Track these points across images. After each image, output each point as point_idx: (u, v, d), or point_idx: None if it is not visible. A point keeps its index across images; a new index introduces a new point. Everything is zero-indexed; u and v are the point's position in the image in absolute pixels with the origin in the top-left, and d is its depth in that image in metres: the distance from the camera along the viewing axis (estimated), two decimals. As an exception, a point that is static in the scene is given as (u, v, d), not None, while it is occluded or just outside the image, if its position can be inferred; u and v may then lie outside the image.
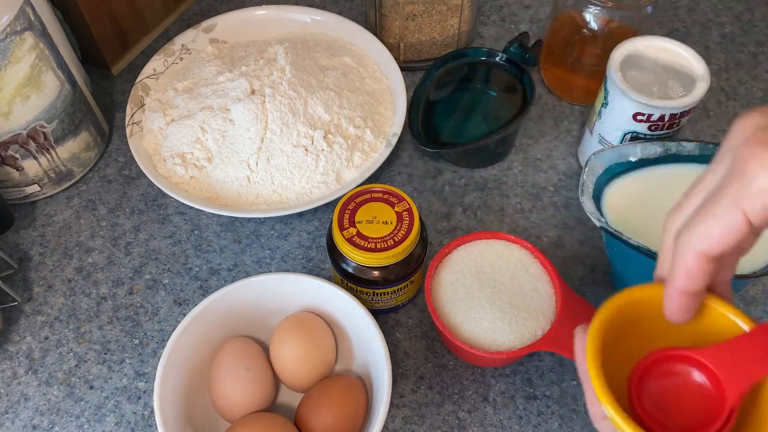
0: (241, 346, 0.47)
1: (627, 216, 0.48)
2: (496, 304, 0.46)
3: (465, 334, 0.46)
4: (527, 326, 0.46)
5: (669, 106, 0.50)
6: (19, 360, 0.52)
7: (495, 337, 0.46)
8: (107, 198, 0.60)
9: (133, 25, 0.67)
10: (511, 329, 0.45)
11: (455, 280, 0.48)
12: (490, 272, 0.48)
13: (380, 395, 0.43)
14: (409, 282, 0.50)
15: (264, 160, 0.56)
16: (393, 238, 0.46)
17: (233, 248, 0.57)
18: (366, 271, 0.48)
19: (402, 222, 0.47)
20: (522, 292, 0.47)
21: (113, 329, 0.54)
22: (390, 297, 0.50)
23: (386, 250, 0.46)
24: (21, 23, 0.50)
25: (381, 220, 0.47)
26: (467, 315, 0.46)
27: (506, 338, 0.45)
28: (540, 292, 0.47)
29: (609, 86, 0.52)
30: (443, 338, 0.48)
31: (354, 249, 0.46)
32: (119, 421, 0.49)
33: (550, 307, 0.47)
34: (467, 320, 0.46)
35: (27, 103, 0.52)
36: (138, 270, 0.56)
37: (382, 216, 0.47)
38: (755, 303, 0.53)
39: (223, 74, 0.60)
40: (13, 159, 0.55)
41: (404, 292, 0.50)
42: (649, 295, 0.33)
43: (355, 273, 0.48)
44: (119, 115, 0.65)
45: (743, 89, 0.65)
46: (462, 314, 0.46)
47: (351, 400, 0.45)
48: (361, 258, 0.46)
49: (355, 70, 0.63)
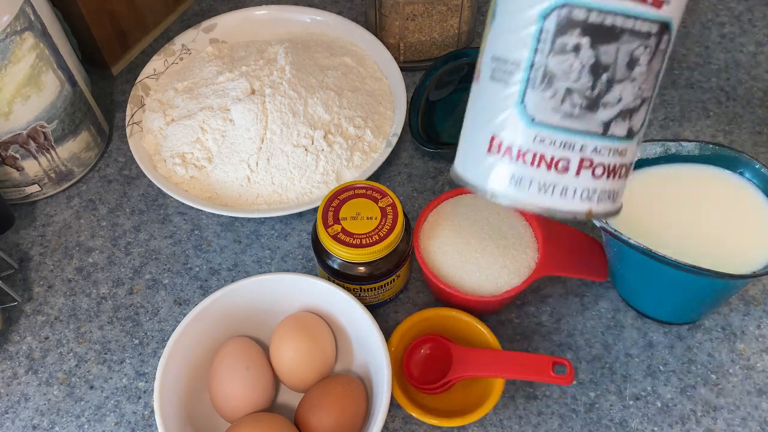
0: (241, 346, 0.47)
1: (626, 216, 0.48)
2: (486, 251, 0.48)
3: (471, 288, 0.48)
4: (520, 261, 0.48)
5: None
6: (19, 360, 0.52)
7: (496, 280, 0.48)
8: (107, 198, 0.60)
9: (133, 25, 0.67)
10: (507, 269, 0.48)
11: (441, 243, 0.49)
12: (468, 226, 0.50)
13: (380, 395, 0.43)
14: (396, 276, 0.50)
15: (264, 160, 0.56)
16: (378, 233, 0.47)
17: (233, 248, 0.57)
18: (352, 267, 0.48)
19: (386, 217, 0.47)
20: (504, 234, 0.49)
21: (113, 329, 0.54)
22: (377, 292, 0.50)
23: (371, 246, 0.46)
24: (21, 23, 0.50)
25: (365, 215, 0.47)
26: (465, 270, 0.48)
27: (506, 278, 0.48)
28: (519, 228, 0.50)
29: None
30: (453, 300, 0.49)
31: (339, 245, 0.46)
32: (119, 420, 0.49)
33: (531, 238, 0.50)
34: (467, 275, 0.48)
35: (27, 103, 0.52)
36: (138, 270, 0.56)
37: (366, 212, 0.48)
38: (755, 303, 0.53)
39: (223, 74, 0.60)
40: (13, 159, 0.55)
41: (391, 287, 0.51)
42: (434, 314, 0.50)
43: (341, 269, 0.48)
44: (119, 115, 0.65)
45: (743, 89, 0.65)
46: (460, 271, 0.48)
47: (351, 400, 0.45)
48: (346, 254, 0.46)
49: (355, 70, 0.63)
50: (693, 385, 0.50)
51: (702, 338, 0.52)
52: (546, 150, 0.30)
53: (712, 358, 0.51)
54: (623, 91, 0.29)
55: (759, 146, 0.61)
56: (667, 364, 0.50)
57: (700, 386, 0.50)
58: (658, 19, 0.28)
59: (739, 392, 0.49)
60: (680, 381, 0.50)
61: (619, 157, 0.31)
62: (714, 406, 0.49)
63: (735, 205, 0.48)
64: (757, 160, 0.48)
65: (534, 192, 0.30)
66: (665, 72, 0.41)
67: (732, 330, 0.52)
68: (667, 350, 0.51)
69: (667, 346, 0.51)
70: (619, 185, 0.32)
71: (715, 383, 0.50)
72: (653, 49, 0.29)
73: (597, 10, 0.27)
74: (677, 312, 0.51)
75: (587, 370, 0.50)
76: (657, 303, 0.51)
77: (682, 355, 0.51)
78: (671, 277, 0.45)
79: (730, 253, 0.46)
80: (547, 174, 0.30)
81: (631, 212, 0.49)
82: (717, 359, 0.51)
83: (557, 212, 0.31)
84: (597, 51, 0.28)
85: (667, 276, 0.45)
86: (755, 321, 0.52)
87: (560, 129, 0.29)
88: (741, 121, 0.63)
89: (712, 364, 0.50)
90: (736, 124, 0.63)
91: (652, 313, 0.52)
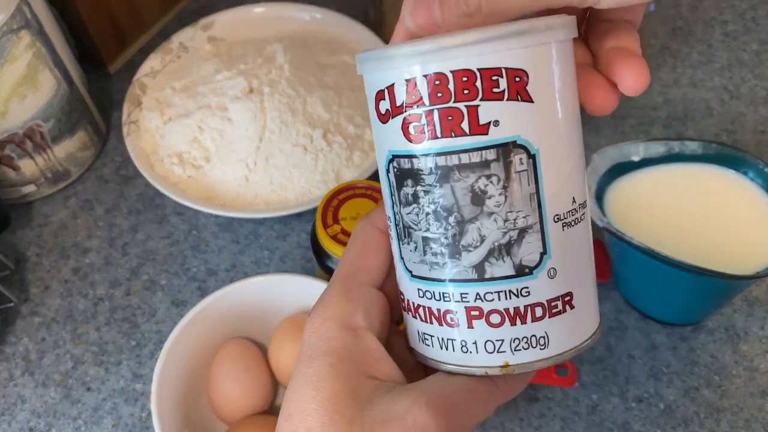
0: (239, 347, 0.47)
1: (629, 216, 0.48)
2: None
3: None
4: None
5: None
6: (15, 362, 0.52)
7: None
8: (104, 198, 0.60)
9: (130, 23, 0.67)
10: None
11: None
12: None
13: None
14: None
15: (263, 160, 0.56)
16: None
17: (231, 248, 0.57)
18: None
19: None
20: None
21: (110, 330, 0.53)
22: None
23: None
24: (17, 21, 0.49)
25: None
26: None
27: None
28: None
29: None
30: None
31: (339, 246, 0.46)
32: (117, 423, 0.49)
33: None
34: None
35: (23, 102, 0.52)
36: (135, 271, 0.56)
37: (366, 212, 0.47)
38: (758, 304, 0.52)
39: (221, 73, 0.59)
40: (9, 158, 0.54)
41: None
42: None
43: None
44: (116, 114, 0.65)
45: (746, 88, 0.65)
46: None
47: (350, 403, 0.45)
48: None
49: (354, 69, 0.63)
50: (696, 386, 0.49)
51: (705, 339, 0.51)
52: (431, 303, 0.27)
53: (716, 359, 0.50)
54: (482, 228, 0.25)
55: (763, 145, 0.61)
56: (670, 365, 0.50)
57: (703, 388, 0.49)
58: (491, 144, 0.24)
59: (742, 394, 0.49)
60: (683, 383, 0.49)
61: (520, 298, 0.26)
62: (717, 408, 0.48)
63: (738, 204, 0.48)
64: (760, 159, 0.48)
65: (438, 349, 0.27)
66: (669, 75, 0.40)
67: (735, 331, 0.51)
68: (669, 352, 0.51)
69: (670, 347, 0.51)
70: (545, 327, 0.26)
71: (719, 385, 0.49)
72: (504, 174, 0.25)
73: (420, 155, 0.25)
74: (680, 313, 0.50)
75: (589, 372, 0.50)
76: (660, 304, 0.50)
77: (685, 357, 0.50)
78: (674, 277, 0.45)
79: (733, 254, 0.46)
80: (441, 329, 0.27)
81: (634, 212, 0.48)
82: (720, 361, 0.50)
83: (467, 369, 0.27)
84: (432, 196, 0.25)
85: (670, 277, 0.45)
86: (759, 322, 0.52)
87: (433, 281, 0.27)
88: (744, 120, 0.63)
89: (715, 365, 0.50)
90: (740, 123, 0.62)
91: (655, 314, 0.51)
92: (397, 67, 0.25)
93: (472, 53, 0.24)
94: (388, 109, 0.26)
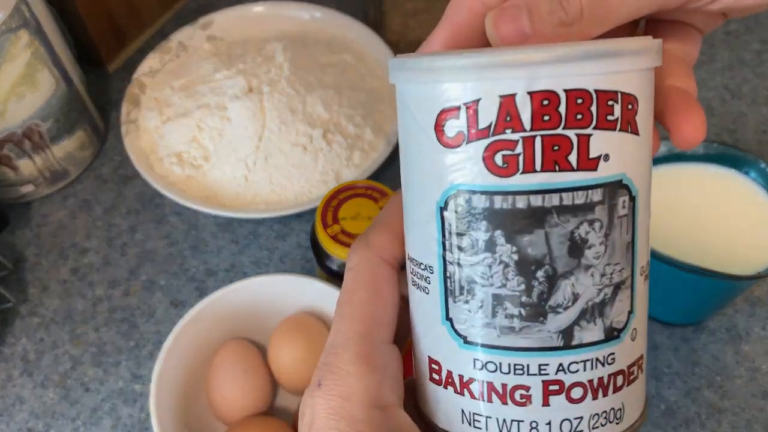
0: (238, 348, 0.47)
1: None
2: None
3: None
4: None
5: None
6: (14, 362, 0.52)
7: None
8: (103, 198, 0.60)
9: (129, 23, 0.67)
10: None
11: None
12: None
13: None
14: None
15: (262, 159, 0.55)
16: None
17: (231, 249, 0.57)
18: None
19: None
20: None
21: (109, 331, 0.53)
22: None
23: None
24: (16, 20, 0.49)
25: (365, 215, 0.47)
26: None
27: None
28: None
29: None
30: None
31: (339, 246, 0.46)
32: (115, 424, 0.49)
33: None
34: None
35: (22, 101, 0.52)
36: (134, 271, 0.56)
37: (366, 212, 0.47)
38: (760, 304, 0.52)
39: (221, 72, 0.59)
40: (8, 158, 0.54)
41: None
42: None
43: (341, 270, 0.47)
44: (115, 114, 0.65)
45: (748, 87, 0.65)
46: None
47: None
48: (346, 255, 0.46)
49: (354, 68, 0.62)
50: (697, 387, 0.49)
51: (706, 340, 0.51)
52: (493, 377, 0.22)
53: (717, 360, 0.50)
54: (576, 284, 0.21)
55: (764, 145, 0.61)
56: (671, 366, 0.50)
57: (704, 388, 0.49)
58: (599, 183, 0.20)
59: (744, 394, 0.49)
60: (684, 383, 0.49)
61: (606, 367, 0.22)
62: (719, 409, 0.48)
63: (740, 204, 0.48)
64: (762, 159, 0.48)
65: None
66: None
67: (737, 331, 0.51)
68: (671, 352, 0.50)
69: (671, 348, 0.51)
70: (622, 398, 0.22)
71: (720, 385, 0.49)
72: (607, 220, 0.21)
73: (506, 192, 0.20)
74: (681, 313, 0.50)
75: (590, 373, 0.50)
76: (661, 304, 0.50)
77: (687, 357, 0.50)
78: (675, 278, 0.45)
79: (734, 254, 0.45)
80: (503, 408, 0.22)
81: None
82: (722, 361, 0.50)
83: None
84: (517, 244, 0.21)
85: (671, 277, 0.45)
86: (761, 322, 0.51)
87: (503, 350, 0.22)
88: (746, 119, 0.62)
89: (716, 366, 0.50)
90: (741, 123, 0.62)
91: (656, 314, 0.51)
92: (485, 79, 0.20)
93: (590, 70, 0.20)
94: (461, 131, 0.20)
